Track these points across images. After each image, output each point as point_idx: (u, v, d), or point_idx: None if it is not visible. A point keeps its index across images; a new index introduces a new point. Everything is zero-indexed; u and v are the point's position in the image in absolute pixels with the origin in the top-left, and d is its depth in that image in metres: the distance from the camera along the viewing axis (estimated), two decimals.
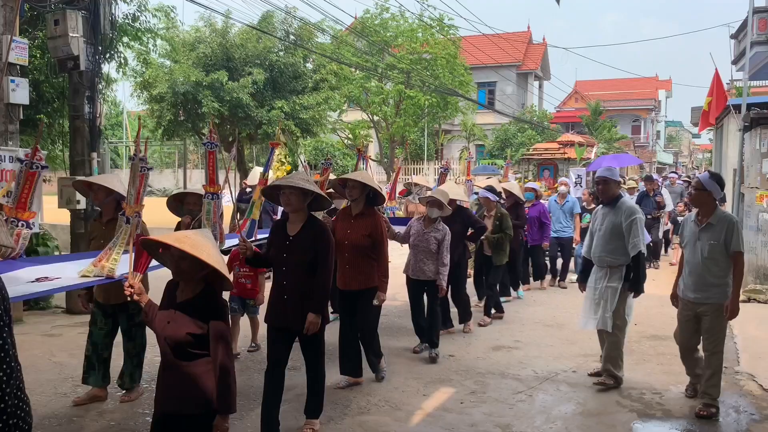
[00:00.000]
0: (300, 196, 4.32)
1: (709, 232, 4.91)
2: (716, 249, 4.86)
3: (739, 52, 17.11)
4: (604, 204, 5.70)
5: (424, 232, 6.35)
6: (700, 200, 5.00)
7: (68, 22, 7.89)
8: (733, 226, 4.88)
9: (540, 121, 34.31)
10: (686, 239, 5.13)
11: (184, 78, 14.86)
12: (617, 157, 18.65)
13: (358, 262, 5.32)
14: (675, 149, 66.16)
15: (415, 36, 24.28)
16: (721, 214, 4.97)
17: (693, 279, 4.99)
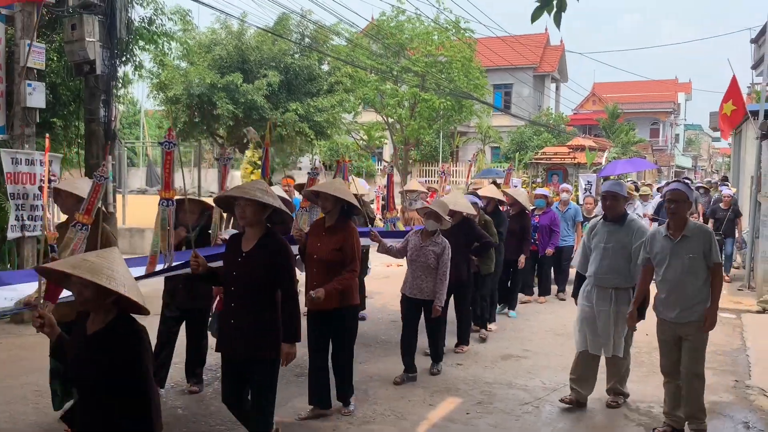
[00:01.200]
0: (256, 209, 3.91)
1: (686, 245, 4.64)
2: (696, 263, 4.61)
3: (759, 56, 16.94)
4: (609, 220, 5.30)
5: (422, 246, 5.89)
6: (682, 212, 4.71)
7: (85, 26, 8.00)
8: (710, 236, 4.67)
9: (556, 123, 34.10)
10: (659, 256, 4.75)
11: (200, 80, 14.98)
12: (630, 162, 18.17)
13: (327, 279, 4.79)
14: (694, 153, 65.50)
15: (430, 39, 24.25)
16: (694, 226, 4.75)
17: (674, 297, 4.68)
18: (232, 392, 4.06)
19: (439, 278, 5.83)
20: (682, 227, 4.67)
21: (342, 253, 4.83)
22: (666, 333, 4.82)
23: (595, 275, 5.26)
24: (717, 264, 4.66)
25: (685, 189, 4.72)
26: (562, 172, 18.75)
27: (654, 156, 41.32)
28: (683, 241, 4.64)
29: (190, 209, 5.01)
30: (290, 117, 15.43)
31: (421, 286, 5.88)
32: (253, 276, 3.90)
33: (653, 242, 4.83)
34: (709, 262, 4.62)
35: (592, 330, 5.28)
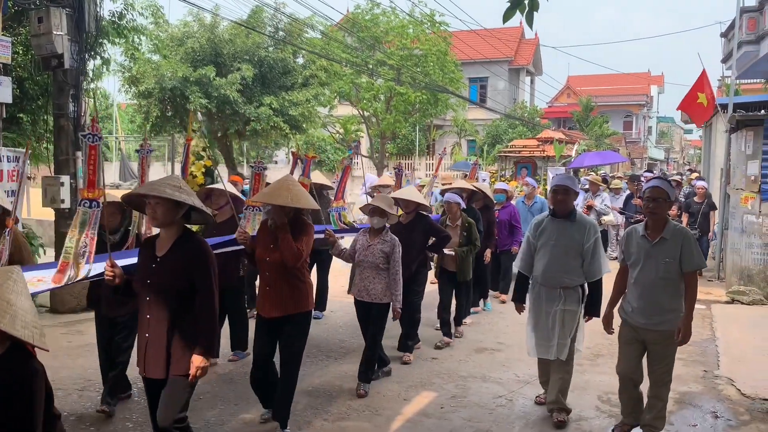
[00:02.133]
0: (168, 208, 3.50)
1: (663, 248, 4.31)
2: (672, 268, 4.29)
3: (728, 50, 17.19)
4: (558, 216, 4.90)
5: (369, 245, 5.50)
6: (662, 212, 4.35)
7: (52, 19, 7.83)
8: (690, 240, 4.34)
9: (531, 117, 34.33)
10: (634, 257, 4.44)
11: (172, 73, 14.79)
12: (599, 155, 18.04)
13: (280, 284, 4.48)
14: (666, 145, 66.41)
15: (405, 32, 24.23)
16: (674, 227, 4.38)
17: (645, 302, 4.37)
18: (152, 411, 3.69)
19: (392, 278, 5.45)
20: (661, 228, 4.33)
21: None
22: (630, 337, 4.53)
23: (543, 275, 4.90)
24: (693, 272, 4.35)
25: (665, 187, 4.38)
26: (531, 166, 18.44)
27: (627, 148, 41.81)
28: (661, 243, 4.32)
29: (109, 212, 4.50)
30: (264, 111, 15.31)
31: (368, 288, 5.49)
32: (168, 283, 3.51)
33: (629, 241, 4.53)
34: (687, 267, 4.30)
35: (540, 333, 4.97)
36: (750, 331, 7.67)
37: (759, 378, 5.74)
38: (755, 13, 15.90)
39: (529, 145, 20.96)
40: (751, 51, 16.00)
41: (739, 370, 6.24)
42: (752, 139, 9.71)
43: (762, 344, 7.14)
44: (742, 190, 9.81)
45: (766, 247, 9.48)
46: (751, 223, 9.67)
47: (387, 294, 5.46)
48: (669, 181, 4.47)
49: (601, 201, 12.12)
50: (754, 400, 5.46)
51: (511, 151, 21.22)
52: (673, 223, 4.39)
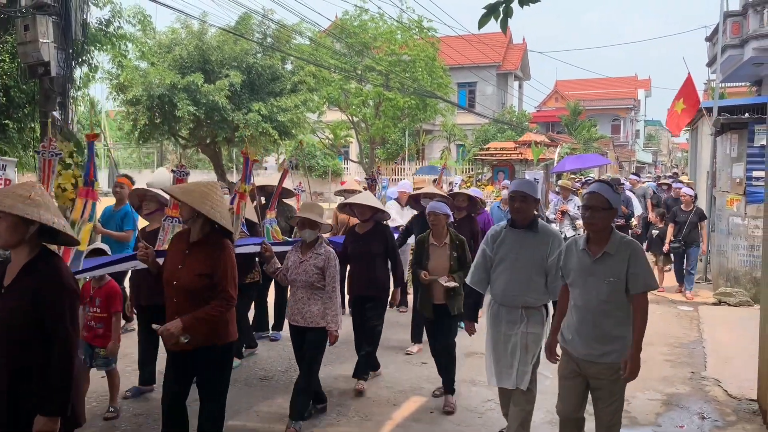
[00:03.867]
0: (12, 224, 2.79)
1: (607, 265, 3.63)
2: (617, 288, 3.61)
3: (713, 54, 17.38)
4: (518, 226, 4.29)
5: (302, 261, 4.84)
6: (602, 223, 3.67)
7: (38, 27, 7.81)
8: (638, 255, 3.65)
9: (519, 121, 34.51)
10: (573, 275, 3.77)
11: (160, 80, 14.78)
12: (581, 158, 17.44)
13: (187, 312, 3.71)
14: (654, 148, 66.92)
15: (393, 38, 24.31)
16: (620, 240, 3.68)
17: (586, 330, 3.69)
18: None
19: (328, 297, 4.78)
20: (604, 242, 3.67)
21: (209, 280, 3.72)
22: (570, 370, 3.83)
23: (503, 293, 4.27)
24: (642, 294, 3.63)
25: (606, 192, 3.68)
26: (509, 169, 17.74)
27: (615, 152, 42.10)
28: (604, 259, 3.65)
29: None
30: (253, 117, 15.33)
31: (303, 311, 4.79)
32: (12, 318, 2.79)
33: (568, 256, 3.85)
34: (634, 288, 3.60)
35: (499, 359, 4.31)
36: (737, 332, 7.73)
37: (745, 379, 5.79)
38: (739, 17, 16.11)
39: (506, 148, 19.86)
40: (736, 55, 16.21)
41: (726, 371, 6.30)
42: (737, 142, 9.81)
43: (749, 345, 7.16)
44: (728, 193, 9.91)
45: (752, 249, 9.57)
46: (737, 225, 9.76)
47: (324, 316, 4.79)
48: (611, 185, 3.76)
49: (574, 205, 11.89)
50: (740, 401, 5.51)
51: (488, 154, 20.18)
52: (619, 236, 3.70)
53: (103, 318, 4.92)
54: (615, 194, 3.70)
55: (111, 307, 4.92)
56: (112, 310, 4.93)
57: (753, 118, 9.74)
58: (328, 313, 4.77)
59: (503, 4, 3.45)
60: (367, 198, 5.92)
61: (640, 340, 3.62)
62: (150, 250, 4.03)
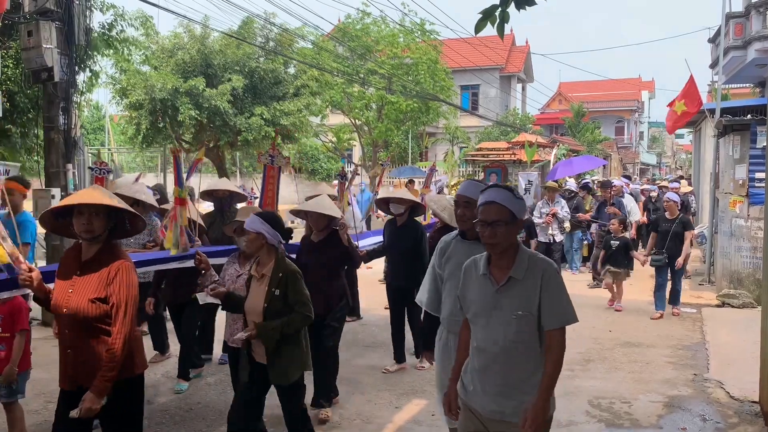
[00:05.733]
0: None
1: (514, 294, 2.81)
2: (528, 324, 2.79)
3: (716, 56, 17.36)
4: (466, 238, 3.65)
5: (240, 274, 4.36)
6: (504, 240, 2.82)
7: (42, 33, 7.88)
8: (552, 279, 2.82)
9: (522, 123, 34.50)
10: (473, 308, 2.92)
11: (162, 85, 14.85)
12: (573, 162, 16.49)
13: (82, 344, 3.13)
14: (658, 150, 66.76)
15: (396, 41, 24.34)
16: (529, 259, 2.86)
17: (491, 380, 2.85)
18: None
19: None
20: (508, 265, 2.84)
21: (106, 305, 3.12)
22: (470, 428, 2.96)
23: (451, 318, 3.60)
24: (559, 330, 2.80)
25: (507, 201, 2.83)
26: (501, 171, 16.88)
27: (619, 154, 42.05)
28: (510, 287, 2.82)
29: None
30: (256, 121, 15.38)
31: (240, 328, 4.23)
32: None
33: (466, 283, 2.99)
34: (548, 322, 2.79)
35: None
36: (740, 334, 7.71)
37: (748, 381, 5.77)
38: (742, 18, 16.08)
39: (498, 148, 18.89)
40: (738, 56, 16.17)
41: (729, 373, 6.28)
42: (739, 144, 9.80)
43: (751, 347, 7.16)
44: (731, 194, 9.89)
45: (755, 251, 9.55)
46: (739, 226, 9.74)
47: None
48: (512, 190, 2.91)
49: (561, 207, 11.38)
50: (743, 403, 5.50)
51: (479, 155, 19.17)
52: (527, 255, 2.88)
53: (5, 338, 4.19)
54: (518, 201, 2.86)
55: (15, 325, 4.20)
56: (16, 328, 4.20)
57: (756, 119, 9.73)
58: None
59: (499, 8, 3.45)
60: (321, 204, 5.25)
61: (550, 387, 2.78)
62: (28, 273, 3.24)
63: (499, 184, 3.00)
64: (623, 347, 7.31)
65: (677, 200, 9.06)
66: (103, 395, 3.06)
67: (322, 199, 5.57)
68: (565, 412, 5.30)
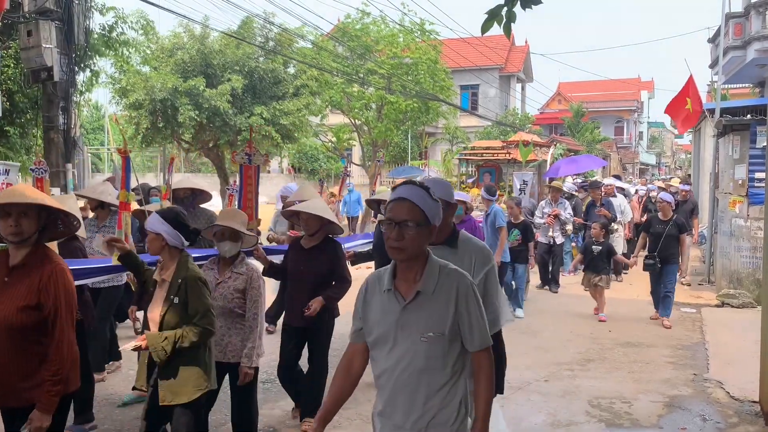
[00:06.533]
0: None
1: (423, 312, 2.37)
2: (439, 347, 2.36)
3: (715, 56, 17.37)
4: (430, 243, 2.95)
5: (219, 281, 4.07)
6: (416, 245, 2.37)
7: (41, 33, 7.90)
8: (469, 292, 2.39)
9: (522, 123, 34.51)
10: (375, 330, 2.45)
11: (161, 85, 14.85)
12: (576, 161, 16.24)
13: (12, 360, 2.85)
14: (658, 150, 66.79)
15: (395, 41, 24.34)
16: (441, 271, 2.42)
17: (399, 412, 2.44)
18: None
19: (249, 327, 4.04)
20: (416, 277, 2.39)
21: (39, 314, 2.85)
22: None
23: None
24: (484, 351, 2.42)
25: (420, 200, 2.36)
26: (496, 170, 16.46)
27: (619, 154, 42.05)
28: (419, 303, 2.37)
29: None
30: (255, 121, 15.38)
31: (222, 344, 4.02)
32: None
33: (368, 300, 2.50)
34: (471, 343, 2.39)
35: None
36: (739, 334, 7.72)
37: (748, 380, 5.77)
38: (741, 18, 16.09)
39: (492, 148, 18.49)
40: (738, 56, 16.18)
41: (729, 373, 6.28)
42: (739, 144, 9.81)
43: (751, 347, 7.15)
44: (731, 194, 9.90)
45: (754, 251, 9.55)
46: (739, 226, 9.75)
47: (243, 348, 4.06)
48: (426, 188, 2.42)
49: (564, 209, 10.86)
50: (742, 403, 5.50)
51: (473, 154, 18.66)
52: (438, 265, 2.43)
53: None
54: (433, 203, 2.40)
55: None
56: None
57: (755, 119, 9.74)
58: (246, 345, 4.02)
59: (504, 7, 3.44)
60: (316, 206, 4.83)
61: (487, 413, 2.45)
62: None
63: (414, 181, 2.52)
64: (623, 347, 7.31)
65: (671, 200, 8.75)
66: (51, 412, 2.84)
67: (314, 200, 5.19)
68: (565, 412, 5.30)
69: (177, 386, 3.46)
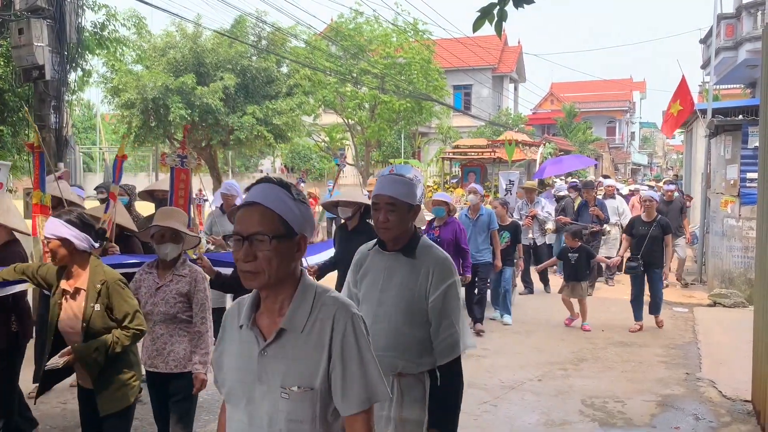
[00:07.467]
0: None
1: (285, 357, 1.76)
2: (309, 404, 1.74)
3: (707, 57, 17.46)
4: (386, 249, 2.75)
5: (159, 286, 3.71)
6: (274, 266, 1.72)
7: (33, 31, 7.82)
8: (346, 330, 1.76)
9: (515, 123, 34.59)
10: (227, 379, 1.85)
11: (153, 83, 14.80)
12: (562, 161, 15.96)
13: None
14: (649, 150, 67.07)
15: (389, 41, 24.34)
16: (316, 298, 1.81)
17: None
18: None
19: (197, 332, 3.70)
20: (282, 309, 1.79)
21: None
22: None
23: None
24: (361, 416, 1.75)
25: (278, 205, 1.75)
26: (480, 170, 16.07)
27: (611, 154, 42.20)
28: (282, 345, 1.77)
29: None
30: (248, 120, 15.34)
31: (164, 352, 3.69)
32: None
33: (223, 338, 1.91)
34: (345, 406, 1.75)
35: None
36: (732, 333, 7.75)
37: (740, 380, 5.80)
38: (733, 19, 16.19)
39: (477, 146, 18.05)
40: (730, 57, 16.29)
41: (721, 372, 6.31)
42: (731, 144, 9.86)
43: (743, 346, 7.18)
44: (722, 194, 9.94)
45: (746, 251, 9.60)
46: (731, 226, 9.80)
47: (191, 358, 3.71)
48: (286, 186, 1.80)
49: (541, 208, 10.61)
50: (735, 402, 5.52)
51: (458, 153, 18.10)
52: (313, 291, 1.83)
53: None
54: (298, 206, 1.77)
55: None
56: None
57: (747, 119, 9.78)
58: (196, 353, 3.68)
59: (497, 6, 3.44)
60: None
61: None
62: None
63: (273, 179, 1.81)
64: (616, 347, 7.33)
65: (657, 199, 8.34)
66: None
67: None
68: (558, 411, 5.31)
69: (114, 392, 3.30)
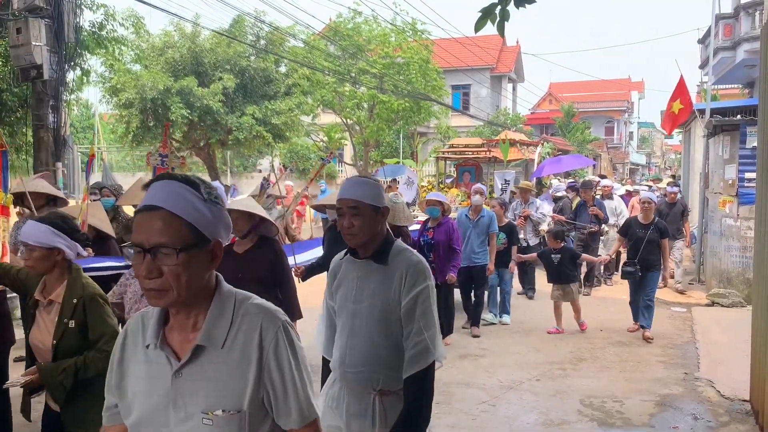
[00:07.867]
0: None
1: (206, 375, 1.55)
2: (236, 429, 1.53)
3: (705, 57, 17.48)
4: (357, 256, 2.56)
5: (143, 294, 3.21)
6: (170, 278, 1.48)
7: (31, 30, 7.83)
8: (278, 344, 1.56)
9: (513, 123, 34.60)
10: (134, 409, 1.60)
11: (152, 84, 14.79)
12: (561, 161, 15.83)
13: None
14: (648, 150, 67.11)
15: (387, 40, 24.34)
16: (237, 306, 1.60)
17: None
18: None
19: None
20: (197, 323, 1.57)
21: None
22: None
23: (342, 364, 2.52)
24: (308, 425, 1.61)
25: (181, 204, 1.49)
26: (476, 169, 15.86)
27: (609, 154, 42.22)
28: (201, 363, 1.54)
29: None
30: (247, 120, 15.34)
31: None
32: None
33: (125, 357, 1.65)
34: (287, 418, 1.59)
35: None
36: (730, 333, 7.76)
37: (738, 379, 5.81)
38: (731, 19, 16.20)
39: (471, 145, 17.86)
40: (728, 57, 16.30)
41: (719, 371, 6.31)
42: (729, 144, 9.86)
43: (742, 346, 7.20)
44: (721, 194, 9.95)
45: (744, 250, 9.60)
46: (729, 226, 9.80)
47: None
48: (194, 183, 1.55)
49: (535, 209, 10.33)
50: (733, 401, 5.52)
51: (452, 152, 17.89)
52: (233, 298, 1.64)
53: None
54: (207, 206, 1.54)
55: None
56: None
57: (745, 119, 9.79)
58: None
59: (498, 5, 3.43)
60: (246, 203, 4.31)
61: None
62: None
63: (175, 175, 1.56)
64: (614, 346, 7.33)
65: (655, 200, 8.10)
66: None
67: (246, 199, 4.59)
68: (557, 411, 5.31)
69: (83, 412, 2.90)
